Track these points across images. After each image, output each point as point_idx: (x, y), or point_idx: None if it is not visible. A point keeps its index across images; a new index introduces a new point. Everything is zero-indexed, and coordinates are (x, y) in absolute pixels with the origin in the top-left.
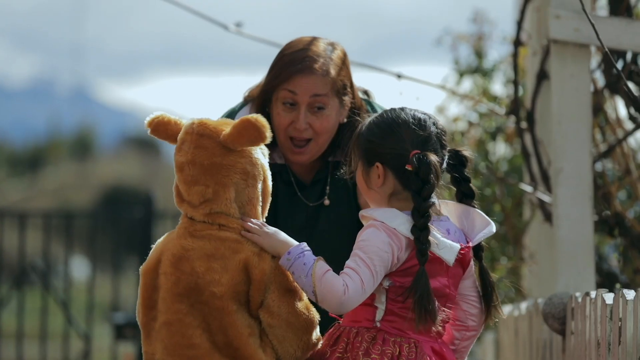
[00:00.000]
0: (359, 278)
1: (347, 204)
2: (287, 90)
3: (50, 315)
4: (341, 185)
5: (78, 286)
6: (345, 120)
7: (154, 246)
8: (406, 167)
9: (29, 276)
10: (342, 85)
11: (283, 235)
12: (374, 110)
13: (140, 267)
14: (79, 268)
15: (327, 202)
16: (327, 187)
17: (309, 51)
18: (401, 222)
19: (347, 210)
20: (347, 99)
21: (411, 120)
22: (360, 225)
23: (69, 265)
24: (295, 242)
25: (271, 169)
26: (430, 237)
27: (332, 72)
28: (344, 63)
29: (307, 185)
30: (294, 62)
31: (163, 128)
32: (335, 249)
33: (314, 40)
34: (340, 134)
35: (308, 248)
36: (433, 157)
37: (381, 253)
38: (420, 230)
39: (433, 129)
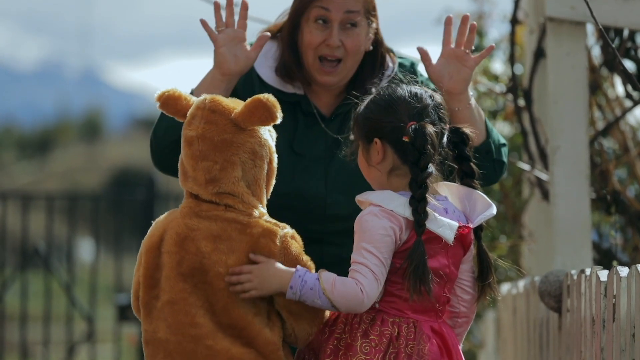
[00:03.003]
0: (369, 271)
1: None
2: (320, 7)
3: (54, 297)
4: None
5: (82, 268)
6: (370, 48)
7: (154, 223)
8: (403, 139)
9: (32, 258)
10: (372, 6)
11: (273, 270)
12: (395, 53)
13: (142, 242)
14: (85, 250)
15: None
16: (350, 122)
17: None
18: (398, 203)
19: None
20: (374, 23)
21: (407, 94)
22: None
23: (73, 247)
24: (289, 271)
25: (291, 99)
26: (428, 209)
27: None
28: None
29: (326, 117)
30: None
31: (173, 103)
32: (352, 182)
33: None
34: (363, 65)
35: (303, 270)
36: (430, 128)
37: (385, 238)
38: (418, 201)
39: (429, 101)
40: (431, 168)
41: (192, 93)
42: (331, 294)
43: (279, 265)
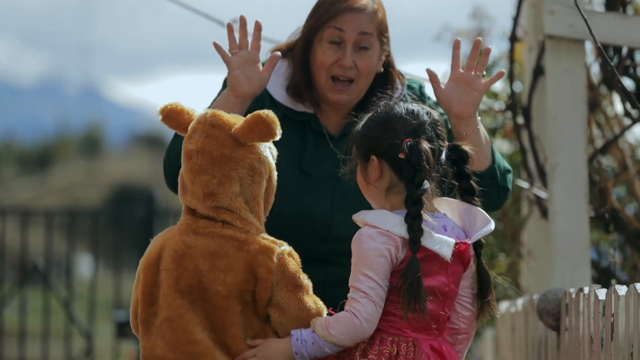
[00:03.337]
0: (363, 295)
1: None
2: (334, 28)
3: (53, 313)
4: None
5: (81, 284)
6: (381, 70)
7: (152, 240)
8: (399, 156)
9: (31, 274)
10: (385, 28)
11: (274, 346)
12: (403, 75)
13: (140, 260)
14: (84, 266)
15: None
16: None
17: None
18: (394, 223)
19: None
20: (386, 45)
21: (404, 111)
22: None
23: (72, 263)
24: (288, 340)
25: (301, 118)
26: (423, 226)
27: (378, 11)
28: (384, 10)
29: (335, 137)
30: (339, 0)
31: (175, 116)
32: (357, 202)
33: None
34: (373, 86)
35: (297, 331)
36: (425, 144)
37: (380, 259)
38: (413, 218)
39: (426, 117)
40: (426, 185)
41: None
42: (330, 336)
43: (276, 339)
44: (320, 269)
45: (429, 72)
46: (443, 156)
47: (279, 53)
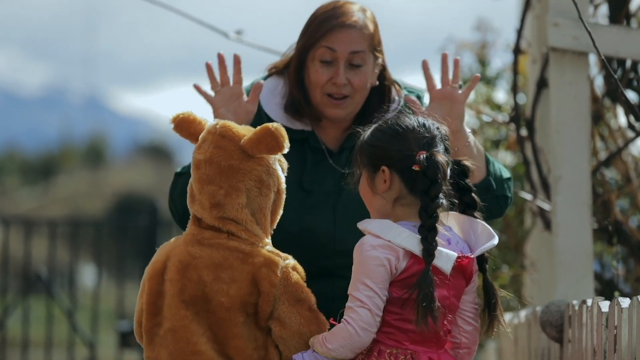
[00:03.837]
0: (359, 303)
1: None
2: (326, 47)
3: (56, 322)
4: None
5: (84, 294)
6: (376, 83)
7: (158, 249)
8: (413, 168)
9: (35, 284)
10: (377, 42)
11: None
12: (401, 85)
13: (146, 269)
14: (87, 276)
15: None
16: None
17: (342, 8)
18: (396, 233)
19: None
20: (380, 59)
21: (415, 123)
22: None
23: (75, 273)
24: None
25: (299, 136)
26: (437, 238)
27: (369, 26)
28: (376, 23)
29: (334, 152)
30: (330, 18)
31: (187, 125)
32: (360, 215)
33: (344, 1)
34: (369, 99)
35: (297, 355)
36: (441, 157)
37: (379, 269)
38: (428, 230)
39: (437, 132)
40: (442, 198)
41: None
42: (329, 351)
43: None
44: (327, 283)
45: (424, 63)
46: (448, 171)
47: (262, 82)
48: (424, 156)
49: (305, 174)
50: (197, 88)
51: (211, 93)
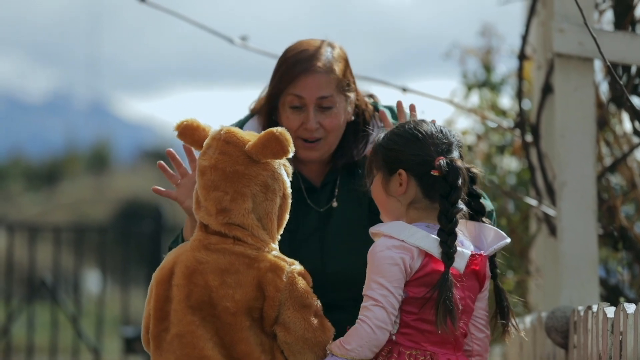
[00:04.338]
0: (373, 302)
1: (358, 204)
2: (293, 95)
3: (60, 329)
4: (351, 187)
5: (88, 300)
6: (352, 118)
7: (167, 255)
8: (432, 173)
9: (39, 290)
10: (346, 82)
11: None
12: (373, 101)
13: (153, 274)
14: (91, 282)
15: (335, 204)
16: (336, 190)
17: (308, 52)
18: (410, 233)
19: (358, 210)
20: (352, 96)
21: (434, 129)
22: (372, 224)
23: (80, 279)
24: None
25: None
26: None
27: (335, 69)
28: (345, 60)
29: (317, 188)
30: (295, 64)
31: (190, 132)
32: (348, 249)
33: (312, 41)
34: (347, 134)
35: None
36: (460, 163)
37: (393, 268)
38: (448, 234)
39: (454, 139)
40: (461, 204)
41: (181, 239)
42: (348, 352)
43: None
44: (343, 316)
45: (398, 103)
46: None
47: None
48: (445, 162)
49: (289, 215)
50: (156, 191)
51: (173, 189)
